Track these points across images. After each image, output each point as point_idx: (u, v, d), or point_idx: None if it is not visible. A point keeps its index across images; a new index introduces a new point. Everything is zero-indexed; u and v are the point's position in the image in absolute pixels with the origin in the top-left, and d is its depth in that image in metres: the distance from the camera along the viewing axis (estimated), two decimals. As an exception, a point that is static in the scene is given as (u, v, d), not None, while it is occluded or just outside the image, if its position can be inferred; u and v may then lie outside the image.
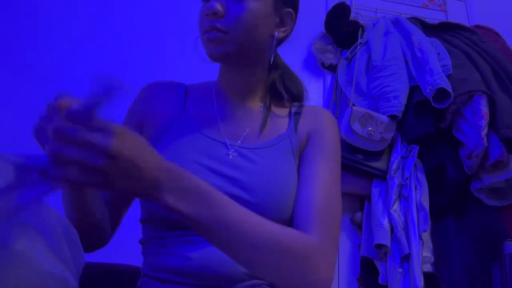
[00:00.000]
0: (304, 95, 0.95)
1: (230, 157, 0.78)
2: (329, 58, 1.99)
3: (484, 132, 1.56)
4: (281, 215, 0.73)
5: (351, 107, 1.67)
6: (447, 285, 1.54)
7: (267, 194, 0.73)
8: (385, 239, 1.54)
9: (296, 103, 0.93)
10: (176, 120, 0.83)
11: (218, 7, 0.76)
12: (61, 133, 0.46)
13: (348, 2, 1.99)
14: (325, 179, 0.76)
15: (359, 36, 1.92)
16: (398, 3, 2.20)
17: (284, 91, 0.91)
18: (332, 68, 2.00)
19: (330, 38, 2.02)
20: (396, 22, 1.92)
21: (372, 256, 1.61)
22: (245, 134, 0.82)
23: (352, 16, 1.99)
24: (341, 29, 1.96)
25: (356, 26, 1.94)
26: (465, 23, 2.07)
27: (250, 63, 0.85)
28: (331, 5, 2.01)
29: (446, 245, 1.61)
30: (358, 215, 1.74)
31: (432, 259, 1.57)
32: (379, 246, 1.56)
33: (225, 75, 0.88)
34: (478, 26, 1.99)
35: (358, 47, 1.89)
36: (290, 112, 0.90)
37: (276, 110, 0.89)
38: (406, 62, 1.76)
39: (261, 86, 0.88)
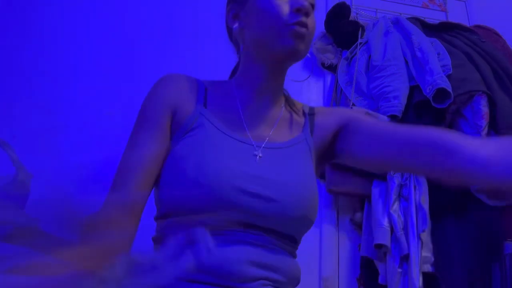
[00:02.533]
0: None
1: (257, 157, 0.78)
2: (329, 58, 1.99)
3: (484, 132, 1.56)
4: (305, 211, 0.76)
5: (351, 107, 1.67)
6: (447, 285, 1.54)
7: (291, 192, 0.75)
8: (385, 239, 1.54)
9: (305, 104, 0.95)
10: (200, 118, 0.80)
11: (310, 8, 0.79)
12: None
13: (348, 2, 1.99)
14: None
15: (359, 36, 1.92)
16: (398, 3, 2.19)
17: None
18: (332, 68, 2.00)
19: (330, 38, 2.02)
20: (396, 22, 1.92)
21: (372, 256, 1.61)
22: (269, 134, 0.83)
23: (352, 16, 1.99)
24: (341, 29, 1.96)
25: (356, 26, 1.94)
26: (465, 23, 2.07)
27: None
28: (331, 5, 2.01)
29: (446, 245, 1.61)
30: (358, 215, 1.74)
31: (432, 259, 1.57)
32: (379, 246, 1.57)
33: (270, 74, 0.85)
34: (478, 26, 1.99)
35: (358, 47, 1.89)
36: (304, 112, 0.91)
37: (292, 110, 0.90)
38: (406, 62, 1.76)
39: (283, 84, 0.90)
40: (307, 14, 0.78)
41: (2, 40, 1.81)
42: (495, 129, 1.59)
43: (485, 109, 1.57)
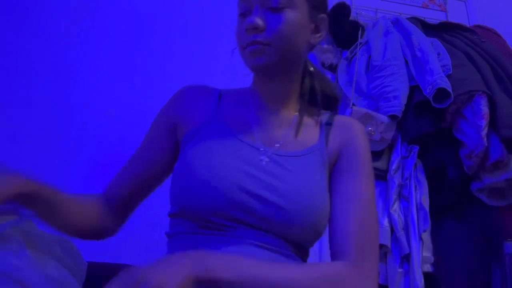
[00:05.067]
0: (339, 97, 0.97)
1: (263, 163, 0.78)
2: (329, 58, 1.99)
3: (484, 132, 1.56)
4: (312, 221, 0.75)
5: (351, 107, 1.67)
6: (447, 285, 1.54)
7: (300, 200, 0.74)
8: (385, 239, 1.54)
9: (327, 111, 0.92)
10: (210, 122, 0.84)
11: (259, 21, 0.78)
12: None
13: (348, 2, 1.99)
14: (362, 197, 0.78)
15: (359, 36, 1.92)
16: (398, 3, 2.20)
17: (320, 95, 0.91)
18: (332, 68, 1.99)
19: (330, 38, 2.02)
20: (396, 22, 1.92)
21: (372, 256, 1.61)
22: (281, 141, 0.83)
23: (352, 16, 1.99)
24: (341, 29, 1.96)
25: (356, 26, 1.94)
26: (465, 23, 2.07)
27: (287, 71, 0.85)
28: (331, 5, 2.01)
29: (446, 245, 1.61)
30: (358, 215, 1.74)
31: (432, 259, 1.56)
32: (379, 246, 1.56)
33: (262, 83, 0.87)
34: (478, 26, 1.99)
35: (358, 47, 1.89)
36: (320, 122, 0.89)
37: (307, 119, 0.89)
38: (406, 62, 1.76)
39: (296, 92, 0.89)
40: (256, 29, 0.77)
41: (3, 40, 1.82)
42: (495, 129, 1.59)
43: (485, 109, 1.57)
